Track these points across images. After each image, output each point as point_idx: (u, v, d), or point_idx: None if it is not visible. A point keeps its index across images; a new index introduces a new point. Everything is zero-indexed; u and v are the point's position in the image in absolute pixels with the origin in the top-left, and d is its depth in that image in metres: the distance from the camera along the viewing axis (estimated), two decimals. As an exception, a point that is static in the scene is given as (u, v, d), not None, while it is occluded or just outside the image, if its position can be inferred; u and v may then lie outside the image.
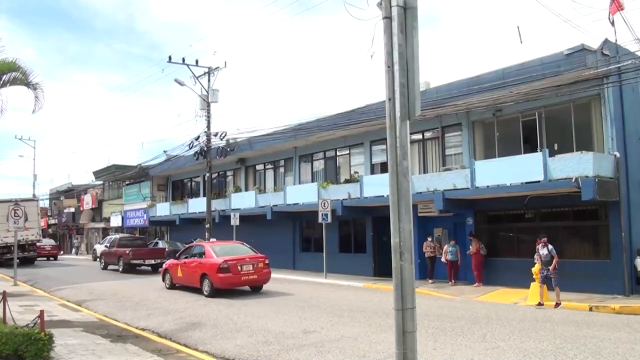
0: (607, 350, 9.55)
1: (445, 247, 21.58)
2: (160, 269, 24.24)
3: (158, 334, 12.04)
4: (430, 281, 21.63)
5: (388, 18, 5.46)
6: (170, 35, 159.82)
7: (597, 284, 17.25)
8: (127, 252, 30.42)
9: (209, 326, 12.60)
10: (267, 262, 19.84)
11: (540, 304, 15.58)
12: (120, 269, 30.17)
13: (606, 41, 17.76)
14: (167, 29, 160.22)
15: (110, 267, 32.15)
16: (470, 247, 20.66)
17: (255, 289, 19.72)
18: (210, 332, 11.94)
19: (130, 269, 29.92)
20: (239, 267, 18.62)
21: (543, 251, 15.92)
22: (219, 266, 18.37)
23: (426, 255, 22.15)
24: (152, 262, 30.79)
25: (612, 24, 17.17)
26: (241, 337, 11.24)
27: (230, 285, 18.69)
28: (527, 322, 12.67)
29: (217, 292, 18.26)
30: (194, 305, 16.22)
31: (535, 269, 16.19)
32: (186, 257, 21.02)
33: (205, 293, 18.58)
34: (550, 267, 15.67)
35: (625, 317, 13.82)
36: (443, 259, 21.48)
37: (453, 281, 21.18)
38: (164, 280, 21.81)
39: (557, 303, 15.39)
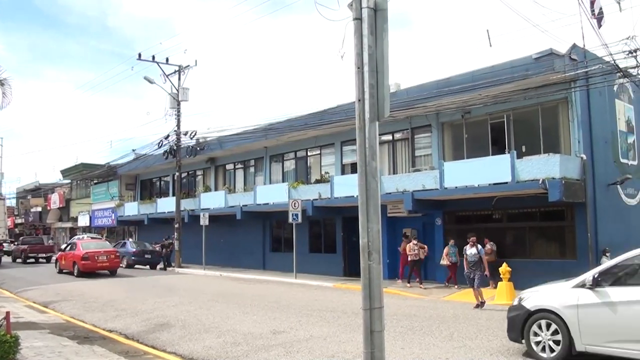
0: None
1: (446, 248, 20.28)
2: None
3: (125, 336, 11.90)
4: (408, 285, 20.55)
5: (358, 19, 5.50)
6: (142, 32, 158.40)
7: (564, 283, 17.48)
8: (26, 248, 39.38)
9: (177, 327, 12.51)
10: (117, 254, 28.78)
11: (478, 305, 14.91)
12: (21, 261, 38.65)
13: (574, 46, 18.06)
14: (139, 25, 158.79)
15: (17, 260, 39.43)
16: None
17: (112, 273, 27.55)
18: (178, 333, 11.85)
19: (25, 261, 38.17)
20: (97, 257, 26.95)
21: (471, 251, 15.41)
22: (82, 256, 26.62)
23: (409, 259, 20.82)
24: (44, 255, 39.45)
25: (597, 17, 17.16)
26: (210, 338, 11.18)
27: (90, 270, 26.51)
28: (494, 321, 12.80)
29: (82, 274, 26.20)
30: (162, 306, 16.09)
31: (503, 268, 16.39)
32: (69, 250, 29.06)
33: (75, 274, 26.67)
34: (485, 269, 15.29)
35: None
36: (445, 262, 20.25)
37: (456, 286, 19.86)
38: (56, 266, 30.13)
39: (477, 304, 14.94)
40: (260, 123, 28.49)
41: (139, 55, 31.68)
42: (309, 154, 28.90)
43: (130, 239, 40.31)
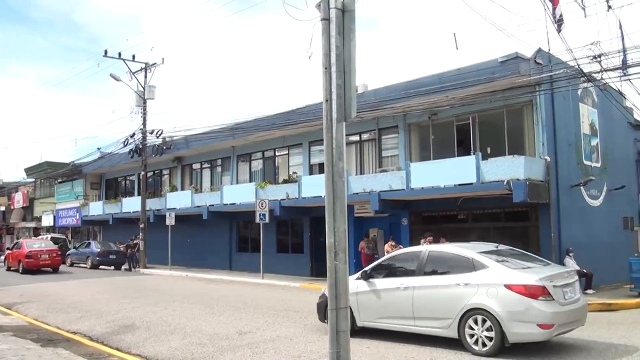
0: (539, 346, 9.86)
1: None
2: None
3: (90, 338, 11.72)
4: None
5: (326, 20, 5.51)
6: (109, 28, 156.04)
7: (527, 283, 17.74)
8: None
9: (142, 329, 12.36)
10: (58, 253, 30.81)
11: None
12: None
13: (539, 50, 18.35)
14: (106, 22, 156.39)
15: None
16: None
17: (54, 270, 29.60)
18: (143, 334, 11.71)
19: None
20: (39, 256, 29.26)
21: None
22: (25, 254, 29.05)
23: None
24: None
25: (557, 22, 17.48)
26: (175, 339, 11.08)
27: (33, 267, 28.73)
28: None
29: (26, 271, 28.47)
30: (127, 307, 15.90)
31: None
32: (15, 249, 31.59)
33: (20, 271, 29.09)
34: None
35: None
36: None
37: None
38: (4, 264, 32.51)
39: None
40: (228, 122, 28.31)
41: (105, 52, 31.32)
42: (276, 153, 28.85)
43: (95, 240, 39.75)
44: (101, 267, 32.68)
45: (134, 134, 32.40)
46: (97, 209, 40.55)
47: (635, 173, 26.01)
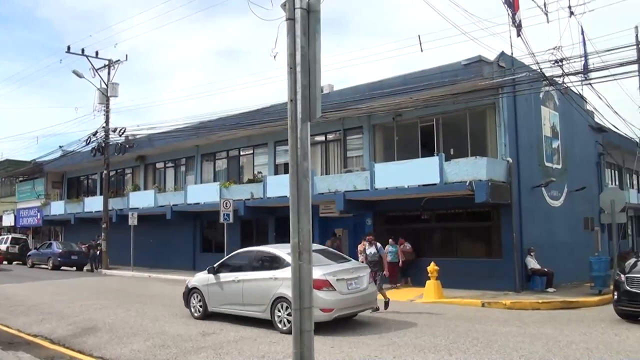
0: (499, 344, 10.04)
1: (386, 247, 19.67)
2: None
3: (51, 340, 11.48)
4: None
5: (291, 20, 5.51)
6: (73, 24, 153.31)
7: (490, 281, 18.06)
8: None
9: (104, 331, 12.18)
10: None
11: (377, 309, 13.68)
12: None
13: (502, 54, 18.63)
14: (70, 17, 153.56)
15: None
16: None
17: None
18: (105, 337, 11.54)
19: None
20: None
21: (370, 250, 14.81)
22: None
23: (360, 260, 20.01)
24: None
25: (517, 27, 17.76)
26: (137, 341, 10.95)
27: None
28: (422, 319, 13.08)
29: None
30: (89, 309, 15.65)
31: (431, 267, 16.75)
32: None
33: None
34: (384, 268, 15.05)
35: (516, 312, 14.59)
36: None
37: (397, 284, 19.75)
38: None
39: (376, 308, 13.63)
40: (192, 121, 28.04)
41: (68, 47, 30.79)
42: (241, 153, 28.71)
43: (57, 240, 39.04)
44: (63, 268, 32.13)
45: (96, 132, 31.92)
46: (58, 208, 39.83)
47: (596, 174, 26.61)
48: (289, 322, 11.37)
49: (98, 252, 31.99)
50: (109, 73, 31.58)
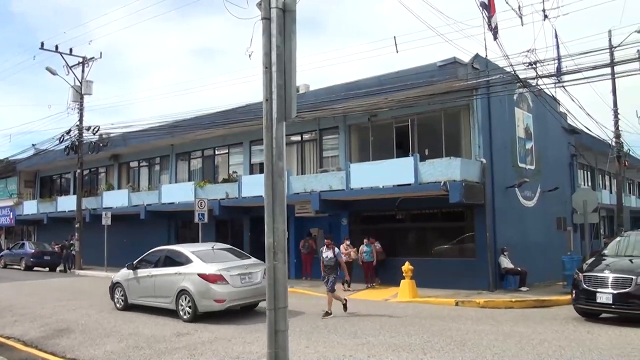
0: (472, 342, 10.13)
1: (361, 247, 20.11)
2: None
3: (24, 342, 11.33)
4: (349, 289, 18.95)
5: (267, 19, 5.50)
6: (47, 20, 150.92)
7: (464, 281, 18.22)
8: None
9: (77, 332, 12.06)
10: None
11: (328, 313, 13.49)
12: None
13: (477, 56, 18.80)
14: (44, 13, 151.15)
15: None
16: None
17: None
18: (78, 338, 11.42)
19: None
20: None
21: (327, 254, 14.04)
22: None
23: (344, 260, 19.91)
24: None
25: (493, 30, 17.92)
26: (111, 342, 10.85)
27: None
28: (397, 318, 13.16)
29: None
30: (62, 310, 15.50)
31: (406, 267, 16.85)
32: None
33: None
34: (344, 272, 14.54)
35: (490, 310, 14.75)
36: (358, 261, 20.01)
37: (372, 284, 19.87)
38: None
39: (328, 313, 13.50)
40: (167, 120, 27.80)
41: (42, 44, 30.37)
42: (216, 152, 28.57)
43: (29, 240, 38.44)
44: (35, 268, 31.73)
45: (70, 130, 31.49)
46: (31, 208, 39.22)
47: (569, 175, 26.97)
48: (189, 311, 13.37)
49: (71, 253, 31.61)
50: (82, 70, 31.20)
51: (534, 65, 16.72)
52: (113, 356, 9.67)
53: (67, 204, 34.88)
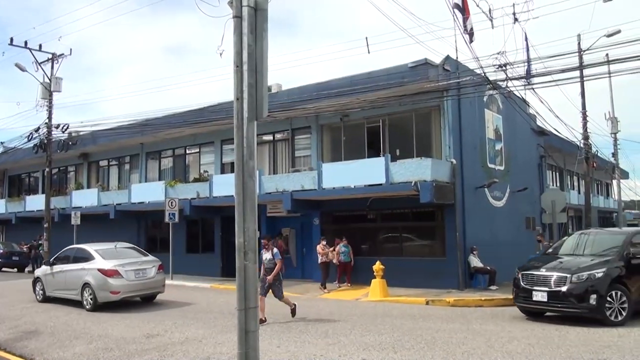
0: (442, 340, 10.22)
1: (338, 247, 19.98)
2: None
3: (-10, 345, 11.17)
4: (325, 290, 18.95)
5: (238, 17, 5.46)
6: (17, 15, 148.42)
7: (434, 280, 18.36)
8: None
9: (46, 334, 11.88)
10: None
11: (262, 320, 12.27)
12: None
13: (448, 57, 18.96)
14: (14, 8, 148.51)
15: None
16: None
17: None
18: (47, 340, 11.25)
19: None
20: None
21: (266, 256, 13.18)
22: None
23: (320, 261, 19.81)
24: None
25: (468, 32, 18.07)
26: (80, 344, 10.71)
27: None
28: (368, 317, 13.21)
29: None
30: (31, 311, 15.28)
31: (377, 266, 16.94)
32: None
33: None
34: (270, 276, 13.00)
35: (459, 309, 14.88)
36: (335, 260, 19.89)
37: (348, 284, 19.86)
38: None
39: (263, 320, 12.33)
40: (137, 118, 27.48)
41: (11, 40, 29.82)
42: (187, 151, 28.37)
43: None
44: (3, 269, 31.29)
45: (39, 128, 30.93)
46: (-1, 207, 38.55)
47: (537, 176, 27.34)
48: (91, 302, 15.36)
49: (40, 253, 31.11)
50: (52, 67, 30.69)
51: (504, 68, 16.91)
52: (82, 358, 9.56)
53: (35, 203, 34.33)
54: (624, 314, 11.60)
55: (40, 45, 30.29)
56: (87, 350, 10.13)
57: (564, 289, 11.78)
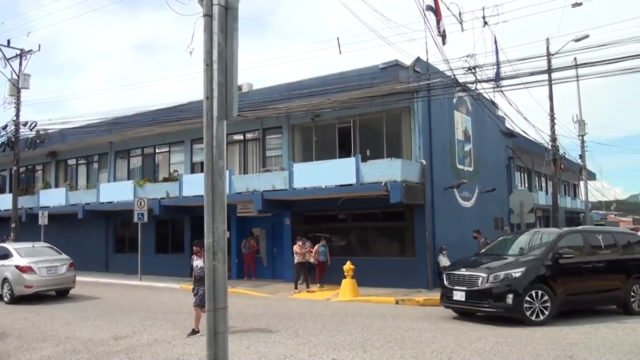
0: (411, 339, 10.29)
1: (317, 246, 19.78)
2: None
3: (-47, 348, 10.94)
4: (306, 290, 18.96)
5: (209, 16, 5.43)
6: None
7: (404, 280, 18.48)
8: None
9: (13, 337, 11.66)
10: None
11: (195, 331, 11.29)
12: None
13: (418, 59, 19.11)
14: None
15: None
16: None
17: None
18: (14, 343, 11.04)
19: None
20: None
21: (197, 263, 11.63)
22: None
23: (296, 261, 19.40)
24: None
25: (441, 34, 18.23)
26: (48, 347, 10.53)
27: None
28: (338, 317, 13.23)
29: None
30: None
31: (347, 266, 16.99)
32: None
33: None
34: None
35: (429, 308, 14.97)
36: (313, 260, 19.68)
37: (320, 285, 19.61)
38: None
39: (194, 330, 11.39)
40: (106, 116, 27.13)
41: (-23, 36, 29.34)
42: (157, 151, 28.12)
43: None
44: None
45: (6, 126, 30.38)
46: (-36, 206, 37.71)
47: (506, 177, 27.68)
48: (9, 295, 17.27)
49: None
50: (20, 63, 30.16)
51: (473, 70, 17.09)
52: (49, 360, 9.41)
53: (2, 202, 33.63)
54: (547, 313, 11.75)
55: (8, 41, 29.76)
56: (54, 353, 9.97)
57: (481, 288, 12.02)
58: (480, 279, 12.11)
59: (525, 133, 25.14)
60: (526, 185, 33.72)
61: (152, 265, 24.73)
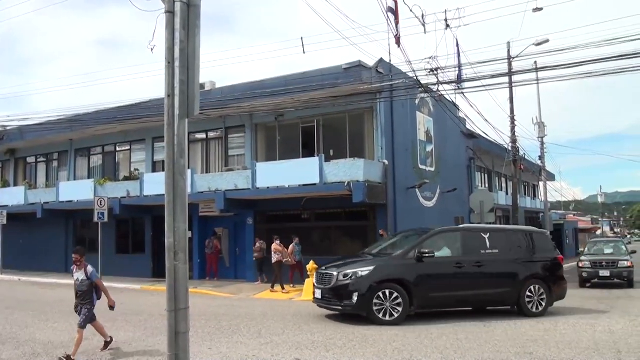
0: (373, 338, 10.38)
1: (292, 246, 19.68)
2: None
3: None
4: (283, 290, 18.85)
5: (171, 12, 5.37)
6: None
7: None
8: None
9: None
10: None
11: (108, 342, 10.01)
12: None
13: (381, 60, 19.24)
14: None
15: None
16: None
17: None
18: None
19: None
20: None
21: (78, 275, 9.77)
22: None
23: (274, 260, 19.33)
24: None
25: (396, 37, 18.33)
26: (7, 350, 10.28)
27: None
28: (301, 317, 13.23)
29: None
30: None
31: (310, 265, 17.00)
32: None
33: None
34: (100, 298, 10.05)
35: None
36: (291, 260, 19.66)
37: (293, 285, 19.65)
38: None
39: (107, 341, 10.04)
40: (66, 113, 26.61)
41: None
42: (118, 149, 27.74)
43: None
44: None
45: (-37, 122, 29.71)
46: None
47: (467, 177, 28.03)
48: None
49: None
50: (-25, 61, 29.57)
51: (435, 72, 17.26)
52: (7, 363, 9.22)
53: (-42, 201, 32.89)
54: (400, 311, 11.89)
55: (-32, 36, 29.02)
56: (14, 356, 9.75)
57: (332, 286, 12.29)
58: (333, 277, 12.36)
59: (486, 134, 25.55)
60: (487, 186, 34.21)
61: (112, 266, 24.38)
